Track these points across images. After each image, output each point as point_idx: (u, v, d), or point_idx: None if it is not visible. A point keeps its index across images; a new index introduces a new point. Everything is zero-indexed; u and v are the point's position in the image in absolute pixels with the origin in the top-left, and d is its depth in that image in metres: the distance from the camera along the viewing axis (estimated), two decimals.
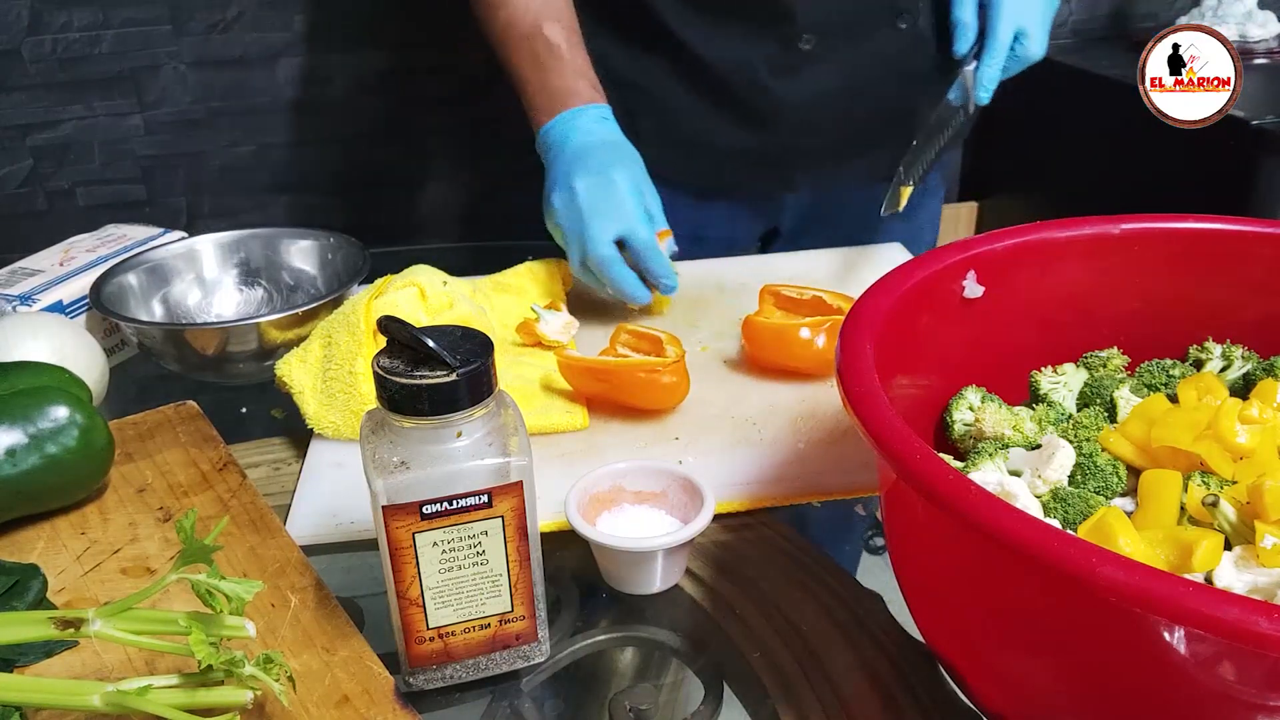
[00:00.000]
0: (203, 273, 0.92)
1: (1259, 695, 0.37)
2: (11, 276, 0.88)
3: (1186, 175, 1.75)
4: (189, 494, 0.68)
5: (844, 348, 0.50)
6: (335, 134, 1.99)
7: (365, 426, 0.50)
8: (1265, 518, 0.44)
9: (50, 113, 1.87)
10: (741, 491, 0.68)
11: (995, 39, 0.92)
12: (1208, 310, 0.63)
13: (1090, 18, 2.23)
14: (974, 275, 0.60)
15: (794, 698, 0.52)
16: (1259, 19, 2.00)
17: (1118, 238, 0.62)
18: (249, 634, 0.47)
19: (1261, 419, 0.51)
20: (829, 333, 0.78)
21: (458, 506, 0.49)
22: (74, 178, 1.94)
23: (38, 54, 1.82)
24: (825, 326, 0.78)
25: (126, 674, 0.52)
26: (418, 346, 0.48)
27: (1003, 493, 0.50)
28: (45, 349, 0.74)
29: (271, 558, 0.61)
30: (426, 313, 0.80)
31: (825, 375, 0.79)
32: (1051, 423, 0.58)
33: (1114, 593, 0.35)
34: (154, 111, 1.91)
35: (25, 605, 0.57)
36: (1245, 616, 0.33)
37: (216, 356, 0.80)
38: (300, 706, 0.50)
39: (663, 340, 0.77)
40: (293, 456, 0.75)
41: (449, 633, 0.52)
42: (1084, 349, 0.65)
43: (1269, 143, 1.61)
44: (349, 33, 1.91)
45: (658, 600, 0.60)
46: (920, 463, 0.41)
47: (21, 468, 0.62)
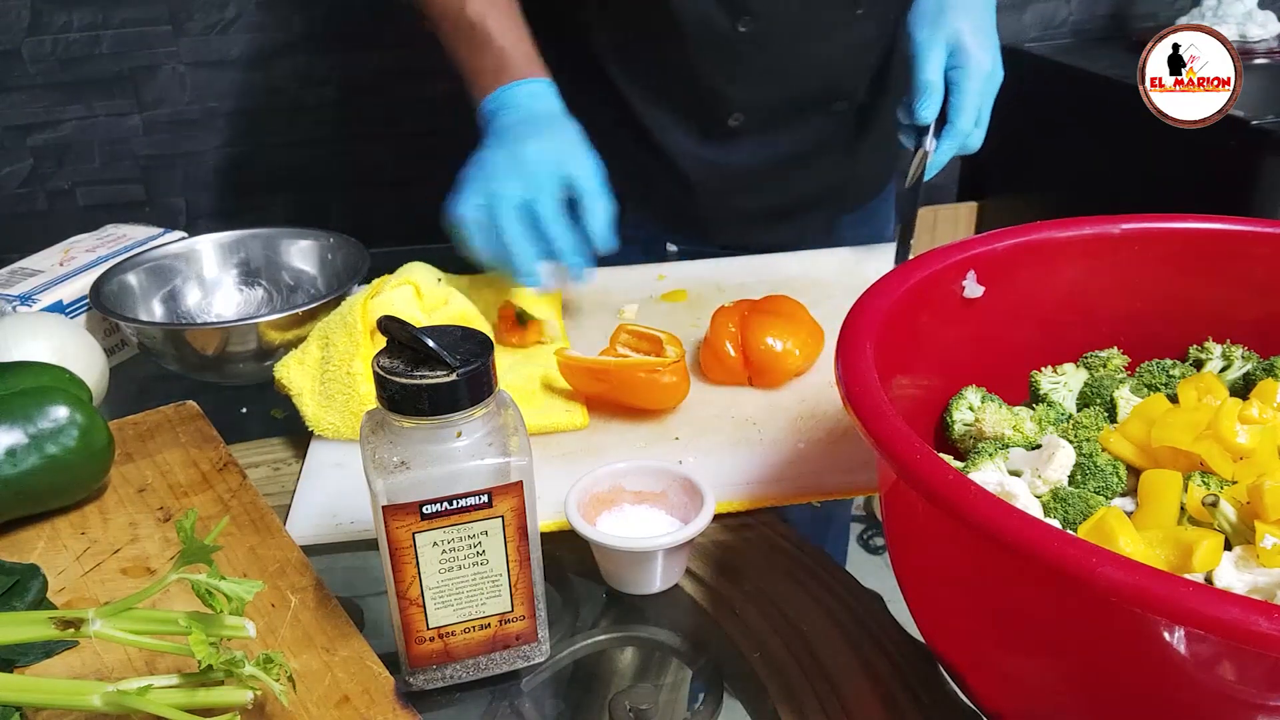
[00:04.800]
0: (203, 273, 0.92)
1: (1259, 695, 0.37)
2: (11, 276, 0.88)
3: (1186, 175, 1.75)
4: (189, 494, 0.68)
5: (844, 348, 0.50)
6: (335, 134, 1.99)
7: (365, 426, 0.50)
8: (1265, 518, 0.44)
9: (50, 113, 1.87)
10: (741, 491, 0.68)
11: (958, 124, 0.89)
12: (1208, 310, 0.63)
13: (1090, 18, 2.23)
14: (974, 275, 0.60)
15: (794, 698, 0.52)
16: (1259, 19, 2.00)
17: (1118, 238, 0.62)
18: (249, 634, 0.47)
19: (1261, 419, 0.51)
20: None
21: (458, 506, 0.49)
22: (74, 178, 1.94)
23: (38, 54, 1.82)
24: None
25: (126, 674, 0.52)
26: (417, 346, 0.48)
27: (1003, 493, 0.50)
28: (45, 349, 0.74)
29: (271, 558, 0.61)
30: (422, 310, 0.80)
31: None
32: (1051, 423, 0.58)
33: (1114, 593, 0.35)
34: (153, 111, 1.91)
35: (25, 605, 0.57)
36: (1245, 616, 0.33)
37: (216, 356, 0.80)
38: (300, 706, 0.50)
39: (663, 340, 0.77)
40: (293, 456, 0.75)
41: (449, 633, 0.52)
42: (1084, 349, 0.65)
43: (1269, 143, 1.61)
44: (348, 33, 1.91)
45: (658, 600, 0.60)
46: (920, 463, 0.41)
47: (21, 468, 0.62)
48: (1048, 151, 2.15)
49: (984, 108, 0.90)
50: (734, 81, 0.98)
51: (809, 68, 0.99)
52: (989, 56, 0.90)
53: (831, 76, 1.00)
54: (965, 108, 0.89)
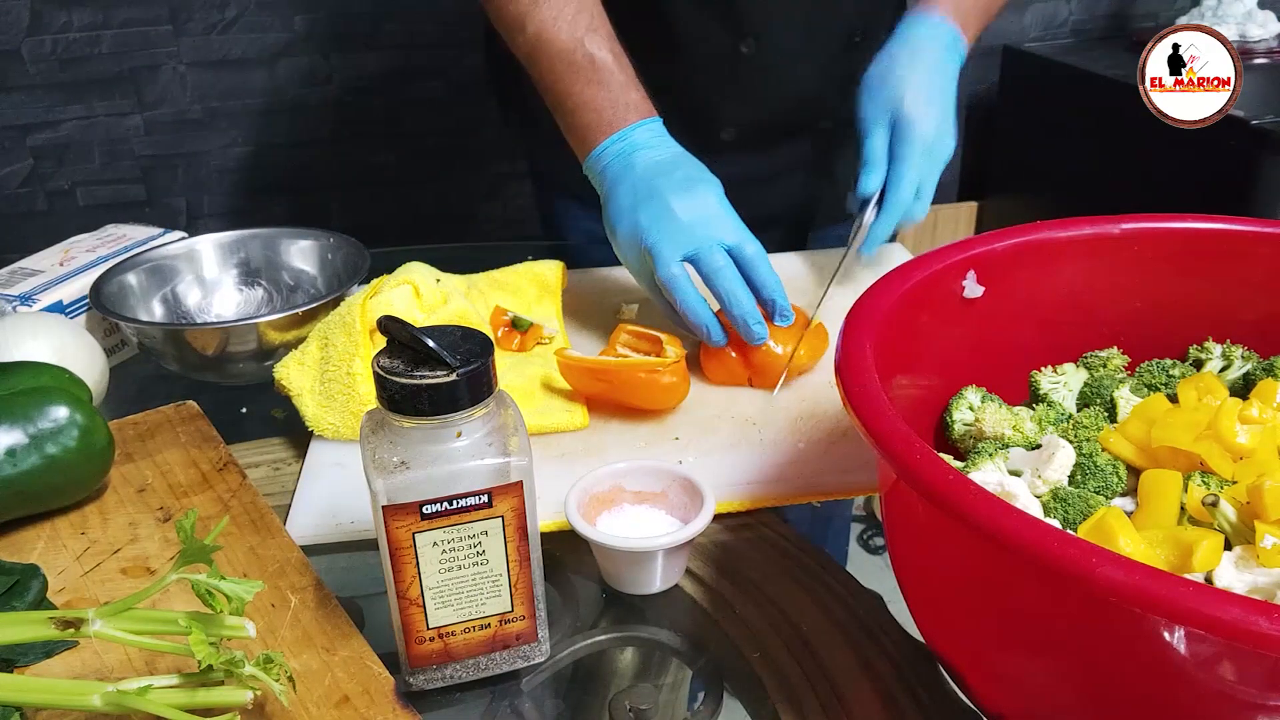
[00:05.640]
0: (203, 273, 0.92)
1: (1259, 695, 0.37)
2: (11, 276, 0.88)
3: (1186, 175, 1.75)
4: (189, 494, 0.68)
5: (844, 348, 0.50)
6: (335, 134, 1.99)
7: (365, 426, 0.50)
8: (1265, 518, 0.44)
9: (50, 113, 1.87)
10: (741, 491, 0.68)
11: (896, 197, 0.87)
12: (1208, 310, 0.63)
13: (1090, 18, 2.24)
14: (974, 275, 0.60)
15: (794, 698, 0.52)
16: (1259, 19, 2.00)
17: (1118, 238, 0.62)
18: (249, 634, 0.47)
19: (1261, 419, 0.51)
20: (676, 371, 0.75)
21: (458, 506, 0.49)
22: (74, 178, 1.94)
23: (38, 54, 1.82)
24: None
25: (126, 674, 0.52)
26: (417, 346, 0.48)
27: (1003, 493, 0.50)
28: (45, 349, 0.74)
29: (271, 558, 0.61)
30: (421, 310, 0.80)
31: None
32: (1051, 423, 0.58)
33: (1114, 593, 0.35)
34: (153, 111, 1.91)
35: (25, 605, 0.57)
36: (1245, 616, 0.33)
37: (216, 356, 0.80)
38: (300, 706, 0.50)
39: (663, 340, 0.77)
40: (293, 456, 0.75)
41: (449, 633, 0.52)
42: (1084, 349, 0.65)
43: (1269, 143, 1.61)
44: (348, 33, 1.91)
45: (658, 600, 0.60)
46: (920, 463, 0.41)
47: (21, 468, 0.62)
48: (1048, 151, 2.15)
49: (925, 180, 0.88)
50: (730, 99, 0.98)
51: (804, 89, 0.99)
52: (933, 126, 0.87)
53: (824, 98, 1.01)
54: (903, 180, 0.87)
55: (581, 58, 0.83)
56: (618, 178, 0.81)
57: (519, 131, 1.13)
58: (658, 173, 0.80)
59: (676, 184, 0.79)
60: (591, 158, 0.84)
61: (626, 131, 0.82)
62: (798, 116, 1.02)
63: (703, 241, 0.77)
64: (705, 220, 0.77)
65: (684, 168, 0.81)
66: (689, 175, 0.80)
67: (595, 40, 0.83)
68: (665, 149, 0.82)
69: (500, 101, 1.13)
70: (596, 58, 0.82)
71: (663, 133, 0.84)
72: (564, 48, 0.83)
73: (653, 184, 0.79)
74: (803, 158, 1.05)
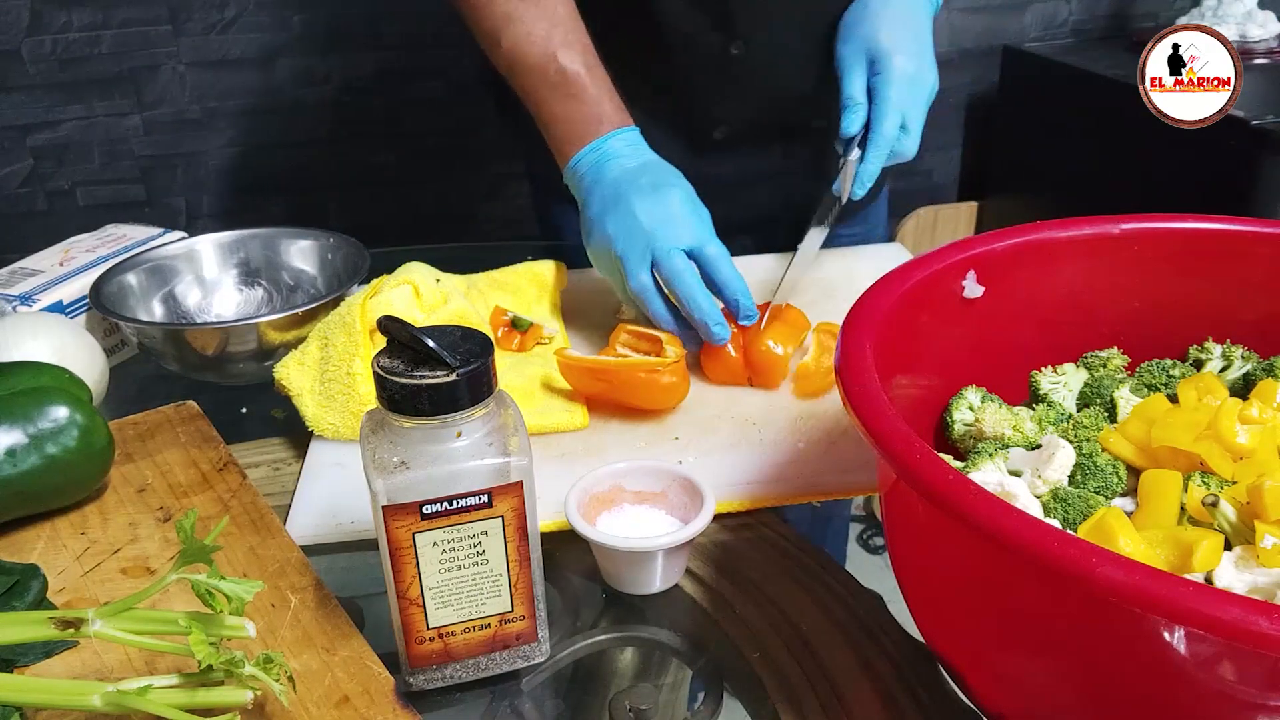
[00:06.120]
0: (203, 273, 0.92)
1: (1259, 695, 0.37)
2: (11, 276, 0.88)
3: (1186, 175, 1.75)
4: (189, 494, 0.68)
5: (844, 348, 0.50)
6: (334, 134, 1.99)
7: (365, 426, 0.50)
8: (1265, 518, 0.44)
9: (50, 113, 1.87)
10: (741, 491, 0.68)
11: (880, 130, 0.85)
12: (1208, 310, 0.63)
13: (1090, 18, 2.24)
14: (974, 275, 0.60)
15: (794, 698, 0.52)
16: (1259, 19, 2.00)
17: (1118, 238, 0.62)
18: (249, 634, 0.47)
19: (1261, 419, 0.51)
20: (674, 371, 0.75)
21: (458, 506, 0.49)
22: (74, 178, 1.94)
23: (38, 54, 1.82)
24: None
25: (126, 674, 0.52)
26: (417, 346, 0.48)
27: (1003, 493, 0.50)
28: (45, 349, 0.74)
29: (271, 558, 0.61)
30: (421, 310, 0.80)
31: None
32: (1051, 423, 0.58)
33: (1114, 593, 0.35)
34: (153, 111, 1.91)
35: (25, 605, 0.57)
36: (1245, 616, 0.33)
37: (216, 356, 0.80)
38: (300, 706, 0.50)
39: (663, 340, 0.77)
40: (293, 456, 0.75)
41: (449, 633, 0.52)
42: (1084, 349, 0.65)
43: (1269, 143, 1.61)
44: (348, 33, 1.91)
45: (658, 600, 0.60)
46: (920, 463, 0.41)
47: (21, 468, 0.62)
48: (1048, 151, 2.15)
49: (911, 112, 0.87)
50: (722, 99, 0.98)
51: (796, 89, 0.99)
52: (912, 61, 0.86)
53: (816, 97, 1.01)
54: (887, 114, 0.86)
55: (554, 73, 0.84)
56: (590, 188, 0.83)
57: (516, 133, 1.13)
58: (625, 180, 0.81)
59: (641, 189, 0.80)
60: (568, 170, 0.85)
61: (599, 143, 0.83)
62: (790, 116, 1.02)
63: (660, 246, 0.77)
64: (665, 222, 0.78)
65: (650, 174, 0.81)
66: (654, 180, 0.81)
67: (568, 55, 0.84)
68: (636, 157, 0.83)
69: (497, 103, 1.14)
70: (569, 72, 0.84)
71: (637, 141, 0.85)
72: (536, 64, 0.84)
73: (619, 191, 0.80)
74: (796, 157, 1.05)
